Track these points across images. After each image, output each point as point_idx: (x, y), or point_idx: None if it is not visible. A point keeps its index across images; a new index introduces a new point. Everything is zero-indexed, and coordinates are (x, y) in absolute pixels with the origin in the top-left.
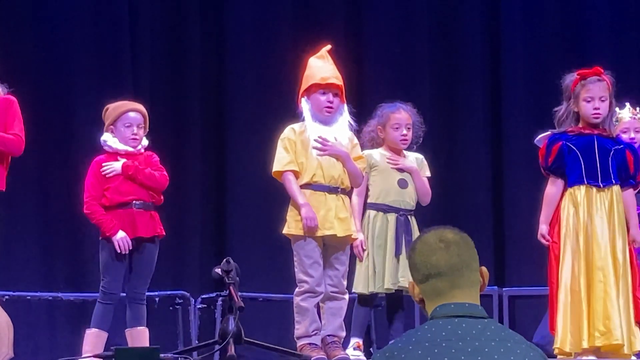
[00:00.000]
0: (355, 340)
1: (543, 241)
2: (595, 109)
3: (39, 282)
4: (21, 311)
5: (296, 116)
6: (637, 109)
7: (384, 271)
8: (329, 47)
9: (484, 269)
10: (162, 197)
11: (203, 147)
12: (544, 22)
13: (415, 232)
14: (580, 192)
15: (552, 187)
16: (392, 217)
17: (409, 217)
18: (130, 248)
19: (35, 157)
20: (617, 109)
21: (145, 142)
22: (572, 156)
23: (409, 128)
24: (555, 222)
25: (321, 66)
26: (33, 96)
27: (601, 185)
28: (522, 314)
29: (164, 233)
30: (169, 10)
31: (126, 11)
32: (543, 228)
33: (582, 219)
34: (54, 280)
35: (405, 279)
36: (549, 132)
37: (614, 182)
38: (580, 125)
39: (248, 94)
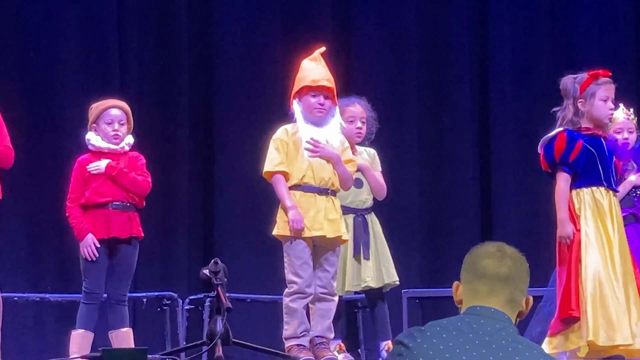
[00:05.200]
0: (335, 344)
1: (566, 241)
2: (611, 109)
3: (26, 283)
4: (8, 312)
5: (287, 117)
6: (631, 109)
7: (344, 274)
8: (323, 49)
9: (530, 298)
10: (144, 201)
11: (191, 147)
12: (532, 25)
13: (377, 229)
14: (601, 193)
15: (566, 184)
16: (349, 218)
17: (366, 216)
18: (97, 255)
19: (22, 158)
20: None
21: (130, 139)
22: (587, 156)
23: (363, 122)
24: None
25: (313, 68)
26: (19, 97)
27: (618, 190)
28: None
29: (143, 234)
30: (157, 10)
31: (114, 11)
32: (571, 228)
33: (607, 221)
34: (42, 281)
35: (371, 279)
36: (560, 129)
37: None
38: (589, 126)
39: (237, 95)
